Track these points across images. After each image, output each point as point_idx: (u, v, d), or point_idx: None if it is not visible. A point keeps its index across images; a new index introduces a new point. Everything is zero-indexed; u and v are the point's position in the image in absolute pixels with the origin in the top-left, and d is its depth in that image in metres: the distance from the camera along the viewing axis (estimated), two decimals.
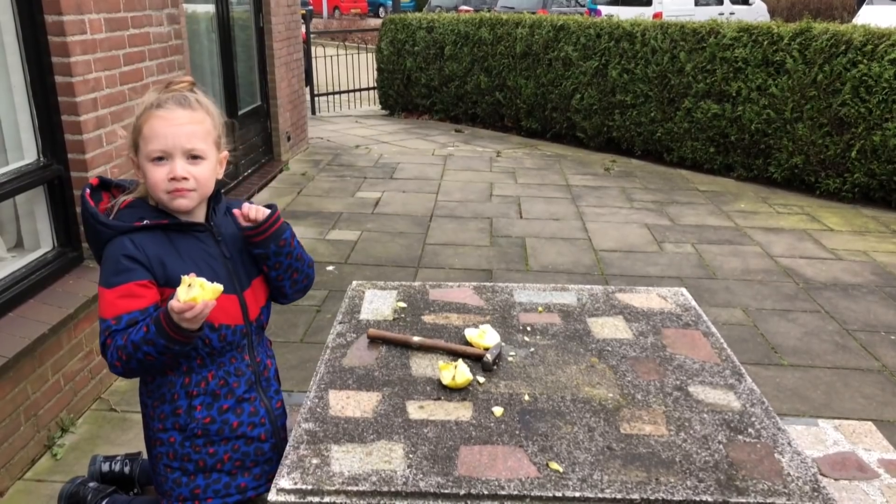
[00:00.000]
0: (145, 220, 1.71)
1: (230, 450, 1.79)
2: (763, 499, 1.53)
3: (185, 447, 1.77)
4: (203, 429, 1.76)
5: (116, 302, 1.63)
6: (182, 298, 1.52)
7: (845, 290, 4.65)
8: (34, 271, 3.03)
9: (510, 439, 1.72)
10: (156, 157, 1.68)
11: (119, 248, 1.67)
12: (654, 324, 2.32)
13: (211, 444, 1.77)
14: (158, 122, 1.68)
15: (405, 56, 10.31)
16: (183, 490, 1.79)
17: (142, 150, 1.70)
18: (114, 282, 1.65)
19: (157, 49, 3.87)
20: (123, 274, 1.64)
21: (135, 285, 1.65)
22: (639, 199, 6.59)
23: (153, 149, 1.68)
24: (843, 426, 2.44)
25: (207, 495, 1.79)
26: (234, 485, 1.81)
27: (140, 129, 1.69)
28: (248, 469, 1.83)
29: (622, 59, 7.89)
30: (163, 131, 1.67)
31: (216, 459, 1.78)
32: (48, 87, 3.08)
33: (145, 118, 1.69)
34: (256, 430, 1.83)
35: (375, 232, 5.58)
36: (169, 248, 1.71)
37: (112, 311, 1.63)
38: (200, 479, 1.79)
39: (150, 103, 1.70)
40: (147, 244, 1.69)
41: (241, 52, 6.61)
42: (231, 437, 1.79)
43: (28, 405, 2.79)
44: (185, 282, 1.55)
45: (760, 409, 1.86)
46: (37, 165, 3.09)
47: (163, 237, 1.71)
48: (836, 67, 6.25)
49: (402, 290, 2.55)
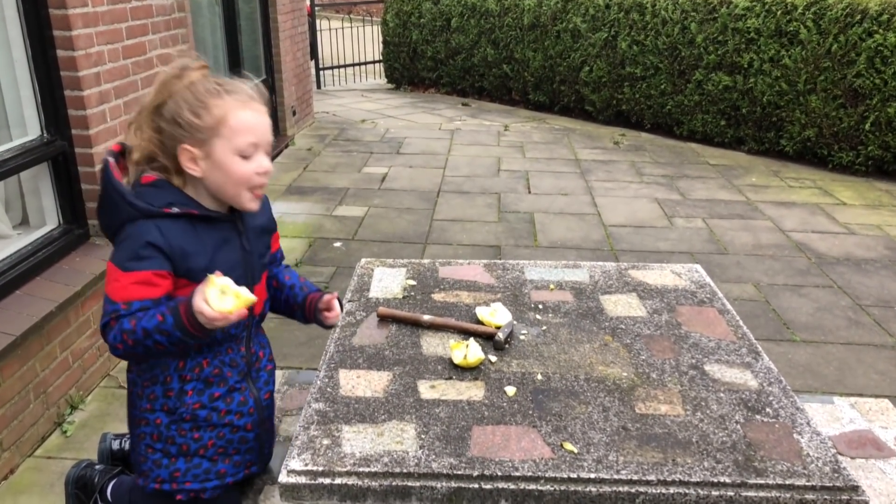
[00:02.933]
0: (175, 207, 1.62)
1: (215, 436, 1.77)
2: (782, 480, 1.50)
3: (170, 430, 1.74)
4: (192, 414, 1.73)
5: (130, 287, 1.58)
6: (215, 307, 1.49)
7: (858, 264, 4.59)
8: (40, 248, 3.01)
9: (523, 419, 1.69)
10: (246, 152, 1.61)
11: (143, 233, 1.59)
12: (668, 301, 2.28)
13: (197, 430, 1.75)
14: (248, 113, 1.61)
15: (411, 28, 10.17)
16: (162, 472, 1.77)
17: (222, 142, 1.59)
18: (131, 266, 1.59)
19: (160, 22, 3.80)
20: (144, 261, 1.59)
21: (152, 274, 1.59)
22: (648, 174, 6.52)
23: (247, 142, 1.60)
24: (858, 404, 2.40)
25: (186, 479, 1.78)
26: (213, 470, 1.80)
27: (223, 119, 1.58)
28: (230, 456, 1.82)
29: (632, 30, 7.76)
30: (254, 123, 1.61)
31: (200, 445, 1.76)
32: (50, 61, 3.03)
33: (226, 107, 1.59)
34: (243, 419, 1.80)
35: (382, 208, 5.54)
36: (193, 239, 1.64)
37: (123, 294, 1.58)
38: (181, 462, 1.77)
39: (214, 89, 1.59)
40: (172, 233, 1.61)
41: (244, 25, 6.52)
42: (218, 424, 1.77)
43: (37, 383, 2.78)
44: (213, 283, 1.51)
45: (778, 388, 1.83)
46: (40, 141, 3.05)
47: (188, 226, 1.64)
48: (851, 38, 6.12)
49: (412, 268, 2.51)
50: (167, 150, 1.62)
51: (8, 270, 2.82)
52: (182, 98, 1.59)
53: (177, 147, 1.60)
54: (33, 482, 2.62)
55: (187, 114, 1.58)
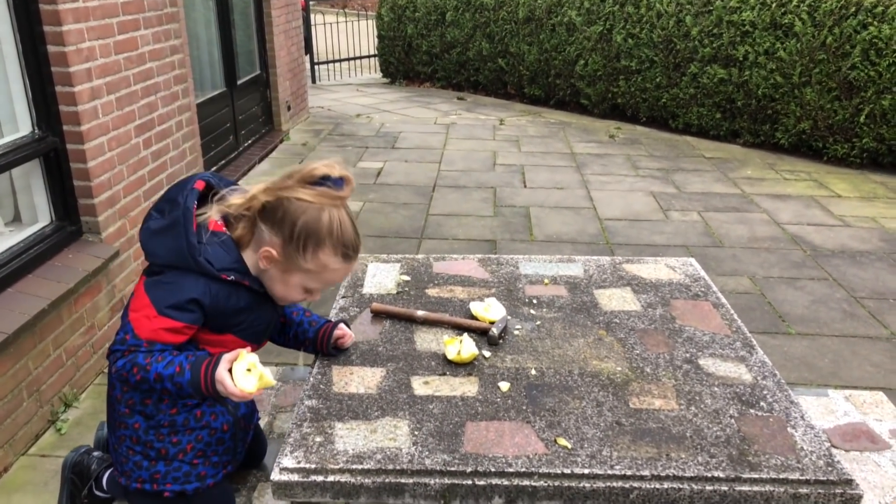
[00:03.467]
0: (232, 275, 1.62)
1: (193, 440, 1.77)
2: (776, 474, 1.50)
3: (148, 434, 1.75)
4: (170, 420, 1.74)
5: (160, 332, 1.58)
6: (238, 384, 1.55)
7: (853, 257, 4.60)
8: (32, 245, 2.99)
9: (517, 415, 1.69)
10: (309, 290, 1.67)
11: (193, 289, 1.58)
12: (662, 295, 2.28)
13: (175, 434, 1.75)
14: (338, 272, 1.65)
15: (406, 22, 10.14)
16: (143, 473, 1.78)
17: (297, 269, 1.61)
18: (169, 313, 1.58)
19: (152, 17, 3.78)
20: (183, 312, 1.59)
21: (185, 326, 1.61)
22: (644, 167, 6.51)
23: (316, 286, 1.66)
24: (853, 396, 2.41)
25: (167, 481, 1.78)
26: (193, 473, 1.80)
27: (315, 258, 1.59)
28: (208, 458, 1.82)
29: (627, 23, 7.74)
30: (336, 280, 1.67)
31: (179, 449, 1.77)
32: (41, 56, 3.00)
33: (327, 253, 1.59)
34: (219, 420, 1.80)
35: (378, 203, 5.52)
36: (233, 301, 1.65)
37: (151, 336, 1.58)
38: (161, 465, 1.77)
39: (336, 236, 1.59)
40: (220, 297, 1.62)
41: (238, 20, 6.49)
42: (196, 427, 1.77)
43: (30, 381, 2.77)
44: (242, 358, 1.57)
45: (772, 382, 1.82)
46: (32, 138, 3.03)
47: (233, 291, 1.65)
48: (846, 30, 6.12)
49: (406, 263, 2.50)
50: (259, 228, 1.61)
51: (0, 268, 2.80)
52: (318, 226, 1.58)
53: (271, 241, 1.60)
54: (27, 481, 2.61)
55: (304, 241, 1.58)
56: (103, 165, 3.30)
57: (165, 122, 3.94)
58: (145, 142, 3.71)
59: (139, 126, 3.64)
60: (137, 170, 3.62)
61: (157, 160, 3.84)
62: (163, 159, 3.91)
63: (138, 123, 3.63)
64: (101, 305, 3.25)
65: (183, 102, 4.16)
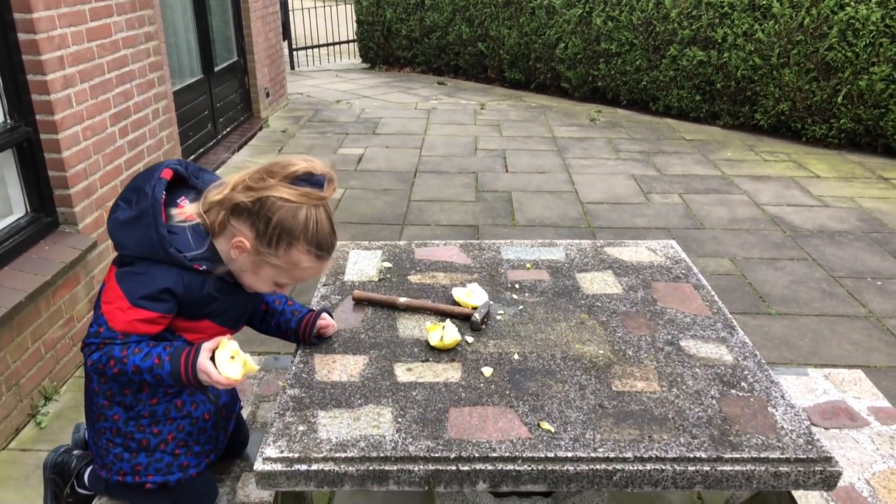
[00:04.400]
0: (204, 264, 1.59)
1: (175, 429, 1.76)
2: (757, 453, 1.51)
3: (128, 426, 1.73)
4: (150, 410, 1.72)
5: (134, 323, 1.56)
6: (223, 371, 1.54)
7: (832, 236, 4.64)
8: (7, 238, 2.94)
9: (500, 400, 1.69)
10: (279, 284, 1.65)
11: (165, 279, 1.56)
12: (643, 278, 2.28)
13: (156, 424, 1.74)
14: (308, 269, 1.61)
15: (385, 7, 10.05)
16: (124, 465, 1.76)
17: (268, 264, 1.58)
18: (142, 304, 1.55)
19: (125, 3, 3.71)
20: (156, 303, 1.56)
21: (159, 315, 1.58)
22: (625, 150, 6.53)
23: (285, 281, 1.64)
24: (832, 375, 2.43)
25: (149, 472, 1.76)
26: (175, 464, 1.78)
27: (286, 254, 1.55)
28: (190, 447, 1.80)
29: (606, 5, 7.73)
30: (306, 276, 1.63)
31: (160, 439, 1.75)
32: (11, 44, 2.95)
33: (298, 251, 1.55)
34: (200, 409, 1.79)
35: (359, 189, 5.49)
36: (207, 291, 1.63)
37: (125, 327, 1.56)
38: (143, 457, 1.75)
39: (309, 234, 1.54)
40: (193, 286, 1.59)
41: (214, 6, 6.40)
42: (177, 417, 1.75)
43: (8, 374, 2.74)
44: (224, 346, 1.57)
45: (753, 363, 1.84)
46: (3, 128, 2.97)
47: (206, 279, 1.62)
48: (823, 11, 6.15)
49: (387, 250, 2.49)
50: (233, 219, 1.57)
51: None
52: (294, 224, 1.53)
53: (244, 232, 1.56)
54: (8, 475, 2.59)
55: (277, 237, 1.54)
56: (78, 155, 3.25)
57: (141, 110, 3.88)
58: (121, 130, 3.66)
59: (114, 115, 3.58)
60: (114, 159, 3.57)
61: (133, 149, 3.78)
62: (139, 148, 3.86)
63: (113, 112, 3.58)
64: (79, 297, 3.22)
65: (159, 90, 4.10)
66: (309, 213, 1.55)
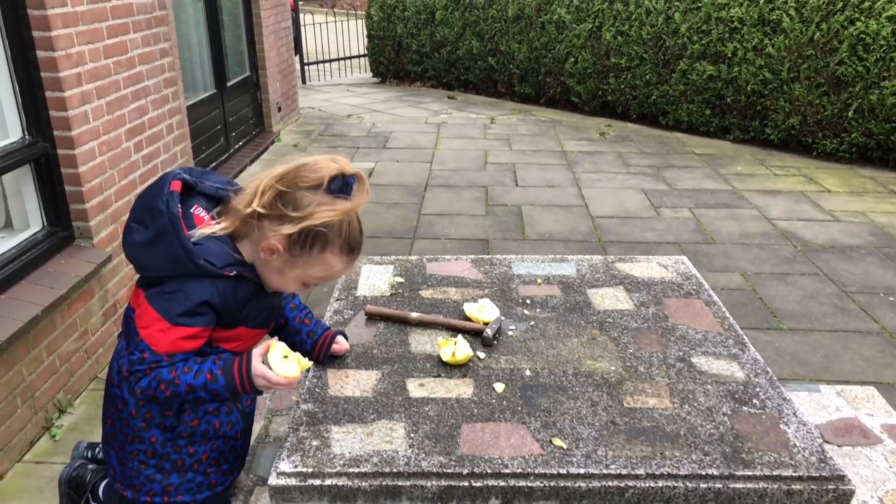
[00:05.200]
0: (234, 269, 1.59)
1: (209, 449, 1.77)
2: (769, 471, 1.52)
3: (165, 447, 1.73)
4: (190, 430, 1.73)
5: (178, 342, 1.55)
6: (280, 372, 1.55)
7: (843, 251, 4.63)
8: (24, 252, 2.98)
9: (512, 416, 1.70)
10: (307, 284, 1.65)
11: (202, 293, 1.55)
12: (655, 294, 2.29)
13: (192, 444, 1.74)
14: (338, 266, 1.61)
15: (395, 22, 10.13)
16: (155, 486, 1.76)
17: (298, 263, 1.58)
18: (183, 322, 1.55)
19: (142, 21, 3.77)
20: (196, 318, 1.56)
21: (201, 330, 1.58)
22: (635, 164, 6.53)
23: (314, 278, 1.63)
24: (845, 392, 2.43)
25: (179, 492, 1.77)
26: (206, 483, 1.79)
27: (317, 251, 1.56)
28: (220, 466, 1.81)
29: (616, 20, 7.77)
30: (335, 274, 1.64)
31: (195, 459, 1.76)
32: (30, 62, 2.99)
33: (329, 246, 1.55)
34: (234, 428, 1.80)
35: (370, 203, 5.47)
36: (240, 296, 1.64)
37: (169, 348, 1.55)
38: (175, 477, 1.76)
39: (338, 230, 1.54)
40: (228, 294, 1.60)
41: (228, 21, 6.47)
42: (213, 437, 1.76)
43: (24, 387, 2.76)
44: (275, 348, 1.57)
45: (765, 379, 1.84)
46: (22, 143, 3.01)
47: (238, 285, 1.62)
48: (834, 25, 6.15)
49: (399, 265, 2.51)
50: (263, 222, 1.55)
51: None
52: (329, 228, 1.54)
53: (276, 234, 1.54)
54: (22, 488, 2.61)
55: (312, 240, 1.55)
56: (94, 170, 3.29)
57: (156, 125, 3.93)
58: (136, 145, 3.70)
59: (129, 130, 3.63)
60: (129, 174, 3.61)
61: (148, 164, 3.83)
62: (154, 163, 3.90)
63: (129, 127, 3.62)
64: (93, 310, 3.25)
65: (173, 105, 4.15)
66: (352, 212, 1.57)
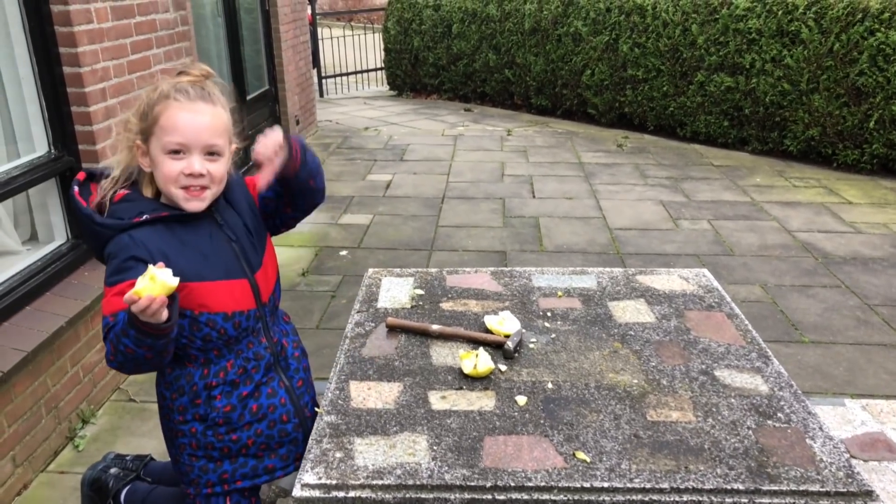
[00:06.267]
0: (144, 214, 1.64)
1: (253, 434, 1.78)
2: (796, 486, 1.50)
3: (207, 436, 1.76)
4: (224, 417, 1.74)
5: (113, 300, 1.58)
6: (136, 288, 1.45)
7: (865, 263, 4.58)
8: (49, 264, 3.02)
9: (535, 429, 1.69)
10: (173, 150, 1.61)
11: (119, 247, 1.62)
12: (676, 306, 2.28)
13: (233, 431, 1.76)
14: (180, 114, 1.61)
15: (412, 35, 10.20)
16: (211, 476, 1.79)
17: (156, 140, 1.62)
18: (113, 280, 1.60)
19: (164, 36, 3.83)
20: (125, 272, 1.59)
21: (132, 283, 1.55)
22: (653, 176, 6.52)
23: (172, 140, 1.61)
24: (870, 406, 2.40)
25: (236, 478, 1.79)
26: (261, 466, 1.81)
27: (157, 118, 1.61)
28: (274, 450, 1.82)
29: (633, 32, 7.77)
30: (184, 123, 1.61)
31: (240, 445, 1.78)
32: (56, 77, 3.05)
33: (164, 107, 1.61)
34: (278, 411, 1.81)
35: (387, 215, 5.55)
36: (171, 240, 1.65)
37: (109, 308, 1.59)
38: (227, 464, 1.78)
39: (167, 91, 1.62)
40: (148, 239, 1.62)
41: (247, 36, 6.55)
42: (253, 421, 1.77)
43: (48, 398, 2.80)
44: (148, 271, 1.47)
45: (789, 393, 1.82)
46: (48, 157, 3.07)
47: (164, 229, 1.66)
48: (853, 36, 6.12)
49: (419, 277, 2.52)
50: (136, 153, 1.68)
51: (18, 286, 2.83)
52: (143, 100, 1.66)
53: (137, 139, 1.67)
54: (46, 497, 2.63)
55: (138, 113, 1.66)
56: None
57: None
58: None
59: None
60: None
61: None
62: None
63: None
64: None
65: None
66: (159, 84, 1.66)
